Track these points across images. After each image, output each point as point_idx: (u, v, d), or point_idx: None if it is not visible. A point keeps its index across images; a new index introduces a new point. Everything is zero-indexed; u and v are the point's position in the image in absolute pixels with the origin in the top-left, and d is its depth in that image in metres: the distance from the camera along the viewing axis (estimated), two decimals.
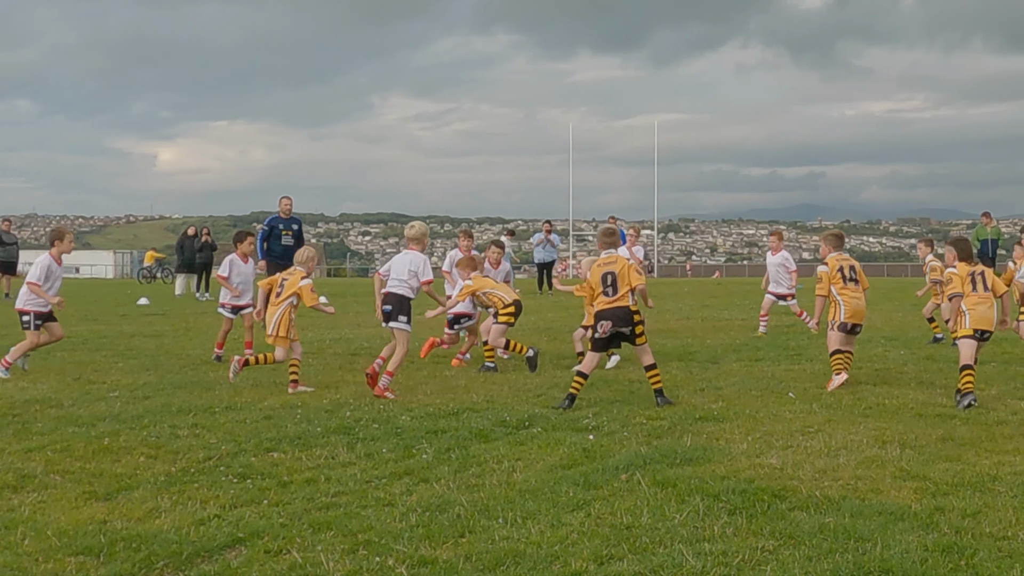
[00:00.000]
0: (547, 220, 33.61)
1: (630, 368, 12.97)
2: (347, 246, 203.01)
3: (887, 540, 5.56)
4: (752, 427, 8.86)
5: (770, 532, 5.76)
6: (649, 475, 7.05)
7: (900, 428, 8.75)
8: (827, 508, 6.22)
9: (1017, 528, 5.79)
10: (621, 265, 10.38)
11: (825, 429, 8.73)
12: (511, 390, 11.18)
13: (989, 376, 11.94)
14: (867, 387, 11.17)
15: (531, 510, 6.28)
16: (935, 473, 7.09)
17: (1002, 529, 5.78)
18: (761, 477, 7.01)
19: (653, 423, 9.08)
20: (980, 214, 30.77)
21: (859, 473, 7.12)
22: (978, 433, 8.53)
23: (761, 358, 13.96)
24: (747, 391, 10.90)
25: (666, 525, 5.92)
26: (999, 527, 5.82)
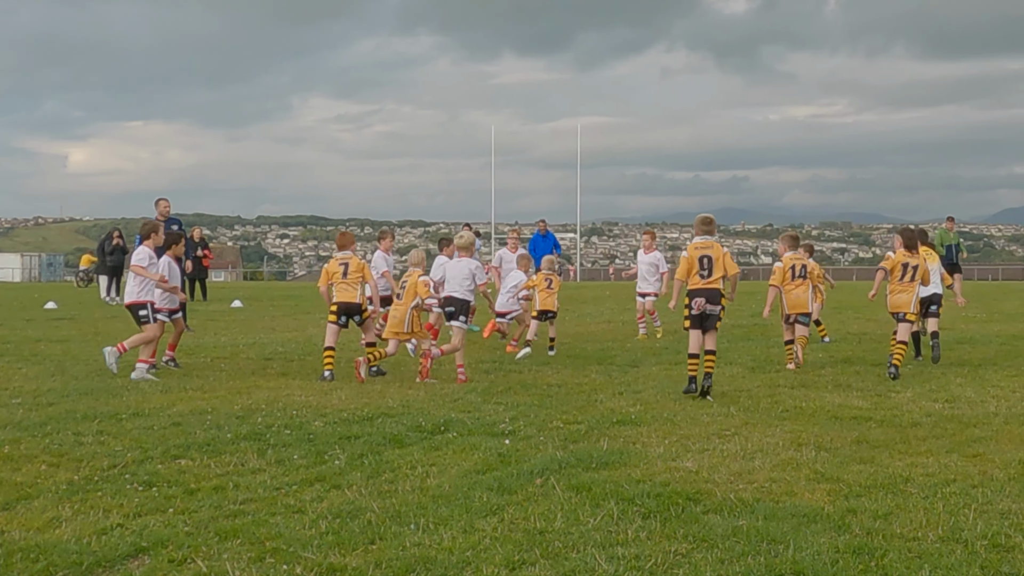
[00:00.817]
0: (467, 223, 33.59)
1: (549, 371, 13.02)
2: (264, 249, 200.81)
3: (799, 542, 5.63)
4: (669, 430, 8.93)
5: (683, 535, 5.81)
6: (564, 479, 7.07)
7: (816, 431, 8.88)
8: (741, 511, 6.29)
9: (927, 529, 5.90)
10: (717, 251, 11.34)
11: (742, 432, 8.83)
12: (428, 395, 11.14)
13: (905, 378, 12.17)
14: (785, 390, 11.33)
15: (444, 516, 6.26)
16: (849, 475, 7.20)
17: (912, 530, 5.89)
18: (676, 480, 7.06)
19: (570, 427, 9.10)
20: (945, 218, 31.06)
21: (774, 476, 7.21)
22: (892, 435, 8.68)
23: (681, 361, 14.03)
24: (666, 394, 10.99)
25: (580, 530, 5.94)
26: (910, 528, 5.92)
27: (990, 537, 5.72)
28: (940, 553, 5.47)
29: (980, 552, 5.49)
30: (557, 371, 13.14)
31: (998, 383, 11.75)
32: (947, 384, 11.71)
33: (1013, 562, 5.33)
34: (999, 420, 9.35)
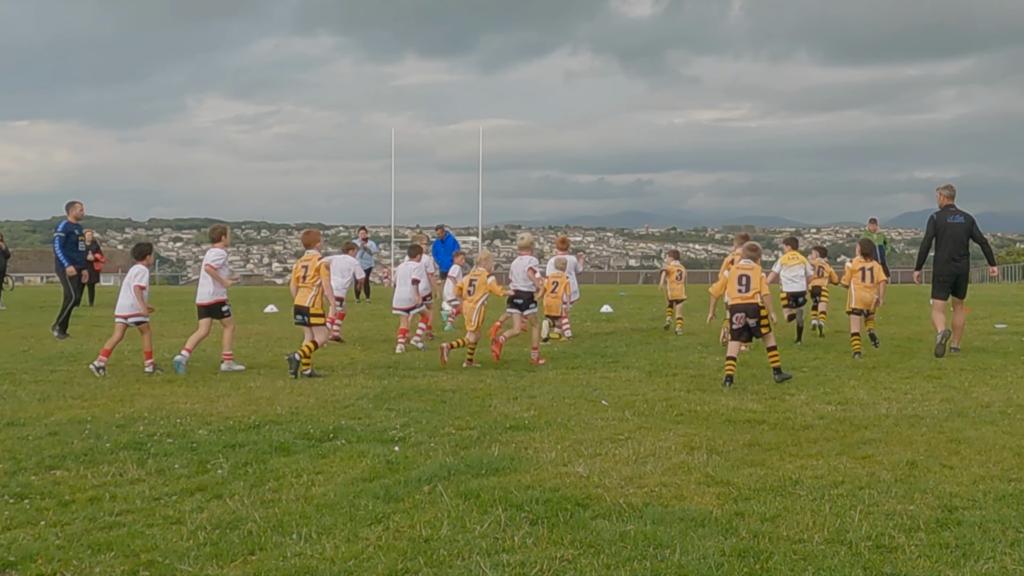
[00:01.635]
0: (362, 226, 33.29)
1: (444, 377, 13.01)
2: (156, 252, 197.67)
3: (686, 546, 5.70)
4: (562, 435, 8.98)
5: (570, 541, 5.84)
6: (453, 486, 7.07)
7: (709, 434, 9.00)
8: (630, 516, 6.34)
9: (814, 531, 6.02)
10: (756, 272, 12.84)
11: (635, 436, 8.91)
12: (317, 401, 11.06)
13: (800, 381, 12.40)
14: (681, 393, 11.47)
15: (327, 525, 6.21)
16: (739, 478, 7.30)
17: (799, 532, 6.00)
18: (567, 486, 7.10)
19: (462, 433, 9.10)
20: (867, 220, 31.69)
21: (665, 480, 7.28)
22: (784, 438, 8.83)
23: (578, 366, 14.18)
24: (561, 399, 11.05)
25: (465, 537, 5.94)
26: (796, 530, 6.03)
27: (874, 538, 5.85)
28: (825, 555, 5.58)
29: (864, 553, 5.61)
30: (452, 376, 13.13)
31: (891, 385, 12.03)
32: (841, 387, 11.96)
33: (895, 562, 5.45)
34: (889, 422, 9.57)
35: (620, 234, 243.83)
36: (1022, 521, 6.14)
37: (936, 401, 10.80)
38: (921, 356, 15.12)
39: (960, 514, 6.33)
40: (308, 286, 13.77)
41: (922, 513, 6.36)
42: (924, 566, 5.40)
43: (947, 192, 15.95)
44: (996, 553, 5.56)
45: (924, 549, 5.66)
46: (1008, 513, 6.33)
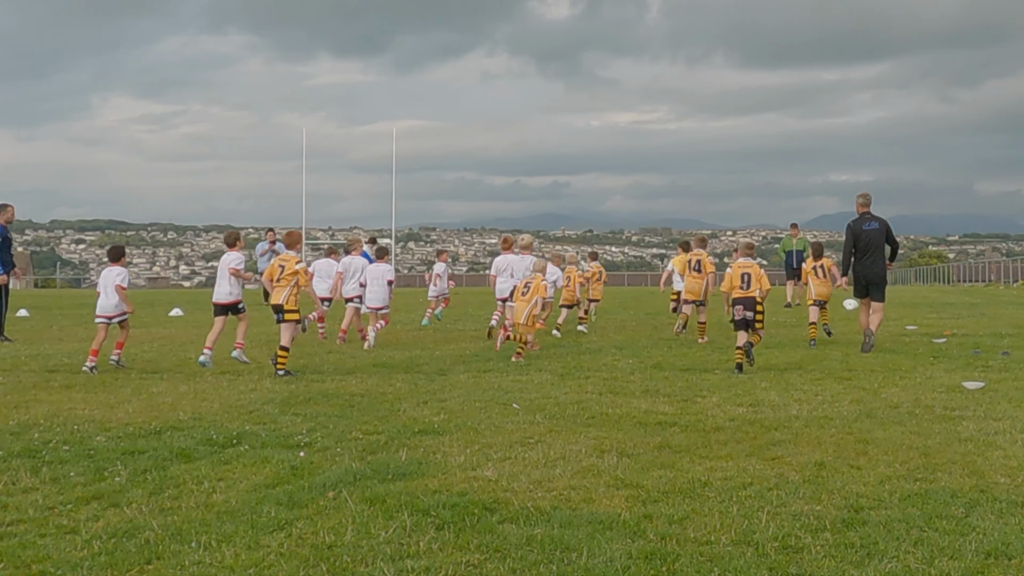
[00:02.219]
0: (271, 228, 32.90)
1: (352, 381, 12.95)
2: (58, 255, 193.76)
3: (593, 549, 5.73)
4: (472, 439, 8.98)
5: (477, 546, 5.84)
6: (358, 492, 7.03)
7: (620, 437, 9.06)
8: (537, 519, 6.36)
9: (721, 533, 6.09)
10: (755, 270, 14.69)
11: (546, 440, 8.95)
12: (222, 406, 10.94)
13: (712, 383, 12.54)
14: (593, 396, 11.54)
15: (228, 532, 6.14)
16: (648, 481, 7.36)
17: (706, 534, 6.06)
18: (474, 490, 7.10)
19: (369, 438, 9.06)
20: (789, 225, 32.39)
21: (574, 483, 7.32)
22: (695, 440, 8.93)
23: (490, 369, 14.20)
24: (471, 403, 11.05)
25: (370, 543, 5.91)
26: (703, 532, 6.09)
27: (781, 539, 5.93)
28: (731, 556, 5.64)
29: (770, 554, 5.68)
30: (361, 380, 13.08)
31: (802, 387, 12.22)
32: (752, 389, 12.12)
33: (801, 563, 5.53)
34: (799, 423, 9.71)
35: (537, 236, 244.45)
36: (926, 520, 6.27)
37: (846, 402, 11.00)
38: (833, 358, 15.38)
39: (866, 514, 6.45)
40: (283, 285, 14.37)
41: (829, 513, 6.47)
42: (829, 566, 5.49)
43: (862, 200, 17.22)
44: (900, 552, 5.67)
45: (829, 549, 5.75)
46: (913, 512, 6.46)
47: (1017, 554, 5.60)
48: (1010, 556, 5.58)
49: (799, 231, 32.08)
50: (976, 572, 5.35)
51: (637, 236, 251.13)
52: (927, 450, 8.38)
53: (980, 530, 6.05)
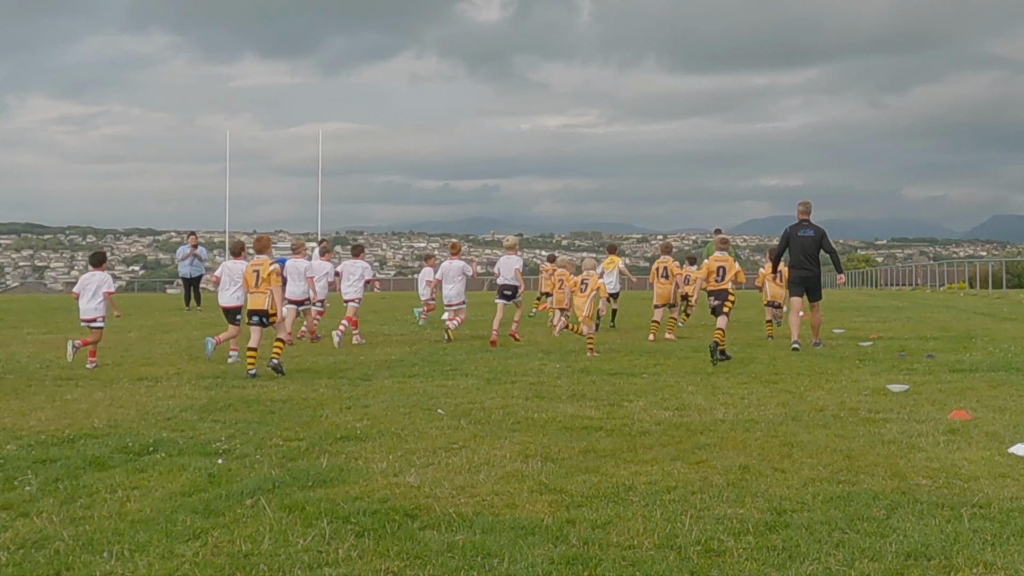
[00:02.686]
0: (192, 232, 32.62)
1: (275, 386, 12.86)
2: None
3: (514, 555, 5.74)
4: (395, 445, 8.95)
5: (397, 553, 5.82)
6: (277, 499, 6.98)
7: (545, 441, 9.08)
8: (459, 525, 6.36)
9: (644, 537, 6.12)
10: (730, 263, 16.81)
11: (470, 445, 8.94)
12: (138, 413, 10.80)
13: (639, 388, 12.62)
14: (519, 401, 11.56)
15: (142, 542, 6.06)
16: (572, 486, 7.39)
17: (629, 538, 6.09)
18: (396, 496, 7.08)
19: (290, 444, 9.00)
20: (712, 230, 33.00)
21: (497, 488, 7.32)
22: (620, 444, 8.97)
23: (415, 374, 14.17)
24: (396, 408, 11.02)
25: (287, 551, 5.87)
26: (626, 536, 6.13)
27: (704, 542, 5.98)
28: (654, 560, 5.68)
29: (692, 558, 5.73)
30: (283, 386, 12.98)
31: (728, 390, 12.34)
32: (679, 392, 12.21)
33: (723, 566, 5.58)
34: (725, 426, 9.80)
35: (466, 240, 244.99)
36: (848, 522, 6.36)
37: (772, 405, 11.12)
38: (759, 361, 15.55)
39: (789, 516, 6.53)
40: (262, 291, 14.70)
41: (752, 516, 6.54)
42: (751, 569, 5.54)
43: (802, 208, 18.57)
44: (821, 555, 5.74)
45: (752, 552, 5.81)
46: (835, 514, 6.55)
47: (936, 555, 5.70)
48: (929, 557, 5.67)
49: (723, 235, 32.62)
50: (896, 573, 5.44)
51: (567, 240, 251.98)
52: (851, 453, 8.50)
53: (901, 531, 6.15)
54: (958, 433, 9.29)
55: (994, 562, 5.57)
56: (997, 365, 14.68)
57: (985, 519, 6.42)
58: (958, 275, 59.07)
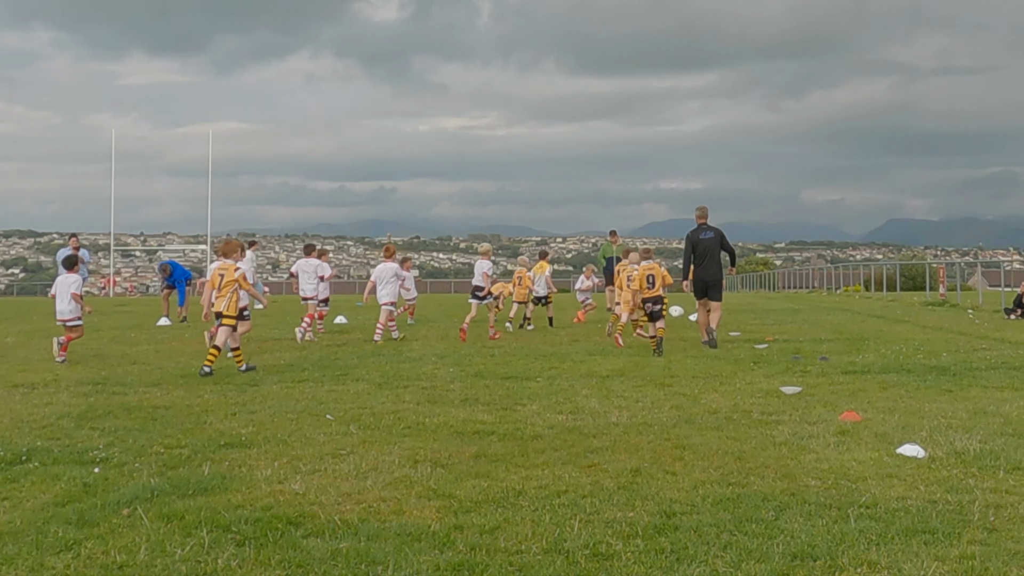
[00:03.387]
0: (73, 234, 31.80)
1: (157, 392, 12.66)
2: None
3: (400, 562, 5.72)
4: (281, 452, 8.88)
5: (278, 561, 5.77)
6: (155, 508, 6.87)
7: (436, 447, 9.07)
8: (344, 533, 6.32)
9: (532, 542, 6.15)
10: (658, 270, 18.44)
11: (358, 451, 8.90)
12: (12, 421, 10.55)
13: (533, 391, 12.66)
14: (410, 406, 11.53)
15: (10, 555, 5.92)
16: (462, 491, 7.39)
17: (517, 543, 6.11)
18: (280, 504, 7.02)
19: (171, 452, 8.86)
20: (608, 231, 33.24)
21: (384, 495, 7.30)
22: (512, 448, 9.00)
23: (305, 379, 14.05)
24: (283, 414, 10.92)
25: (164, 562, 5.78)
26: (514, 541, 6.15)
27: (592, 546, 6.03)
28: (541, 565, 5.71)
29: (580, 561, 5.77)
30: (167, 392, 12.78)
31: (623, 393, 12.45)
32: (574, 396, 12.28)
33: (610, 570, 5.63)
34: (619, 430, 9.89)
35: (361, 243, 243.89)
36: (736, 524, 6.46)
37: (666, 408, 11.24)
38: (655, 365, 15.71)
39: (678, 519, 6.61)
40: (223, 294, 15.49)
41: (641, 519, 6.61)
42: (638, 572, 5.60)
43: (699, 212, 19.89)
44: (708, 556, 5.82)
45: (640, 555, 5.87)
46: (724, 516, 6.65)
47: (822, 555, 5.81)
48: (815, 558, 5.79)
49: (619, 238, 32.96)
50: (782, 574, 5.54)
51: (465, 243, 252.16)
52: (742, 455, 8.63)
53: (788, 532, 6.27)
54: (848, 434, 9.49)
55: (878, 561, 5.71)
56: (888, 367, 15.05)
57: (871, 519, 6.57)
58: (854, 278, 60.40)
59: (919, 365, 15.23)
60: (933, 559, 5.74)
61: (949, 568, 5.60)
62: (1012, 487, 7.41)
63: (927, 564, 5.64)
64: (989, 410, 10.89)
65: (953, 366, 15.08)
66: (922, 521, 6.50)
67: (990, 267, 63.85)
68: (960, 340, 20.00)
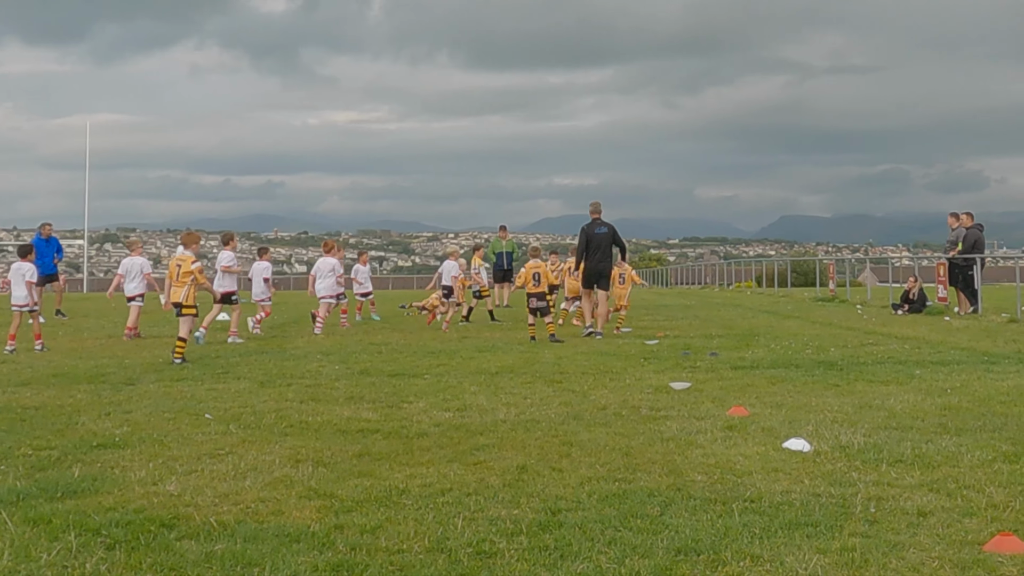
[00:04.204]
0: None
1: (27, 392, 12.36)
2: None
3: (277, 563, 5.66)
4: (157, 452, 8.73)
5: (150, 565, 5.67)
6: (21, 512, 6.70)
7: (318, 445, 9.00)
8: (220, 535, 6.23)
9: (414, 541, 6.12)
10: (543, 268, 20.26)
11: (238, 451, 8.79)
12: None
13: (419, 389, 12.64)
14: (293, 404, 11.42)
15: None
16: (344, 490, 7.34)
17: (399, 543, 6.08)
18: (153, 506, 6.90)
19: (40, 454, 8.66)
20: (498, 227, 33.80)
21: (263, 495, 7.21)
22: (397, 447, 8.97)
23: (184, 378, 13.85)
24: (160, 414, 10.74)
25: (29, 567, 5.63)
26: (396, 541, 6.12)
27: (475, 544, 6.03)
28: (423, 564, 5.69)
29: (463, 560, 5.76)
30: (37, 392, 12.48)
31: (511, 390, 12.48)
32: (461, 393, 12.28)
33: (493, 568, 5.63)
34: (506, 427, 9.91)
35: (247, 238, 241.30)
36: (622, 520, 6.51)
37: (555, 405, 11.30)
38: (544, 361, 15.78)
39: (563, 516, 6.64)
40: (180, 284, 16.50)
41: (526, 516, 6.62)
42: (521, 569, 5.61)
43: (593, 208, 21.07)
44: (593, 553, 5.86)
45: (523, 552, 5.88)
46: (609, 512, 6.70)
47: (706, 549, 5.89)
48: (699, 552, 5.86)
49: (507, 233, 33.24)
50: (665, 569, 5.59)
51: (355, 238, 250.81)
52: (629, 450, 8.71)
53: (673, 528, 6.33)
54: (735, 429, 9.64)
55: (761, 555, 5.80)
56: (777, 362, 15.33)
57: (755, 513, 6.67)
58: (746, 274, 61.31)
59: (808, 360, 15.54)
60: (815, 552, 5.85)
61: (831, 560, 5.71)
62: (894, 480, 7.59)
63: (809, 557, 5.75)
64: (874, 404, 11.14)
65: (841, 361, 15.41)
66: (805, 514, 6.62)
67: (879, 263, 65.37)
68: (848, 335, 20.46)
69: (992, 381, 12.99)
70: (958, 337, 19.74)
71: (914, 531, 6.26)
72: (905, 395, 11.79)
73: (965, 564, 5.64)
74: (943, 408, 10.85)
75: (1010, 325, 22.93)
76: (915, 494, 7.15)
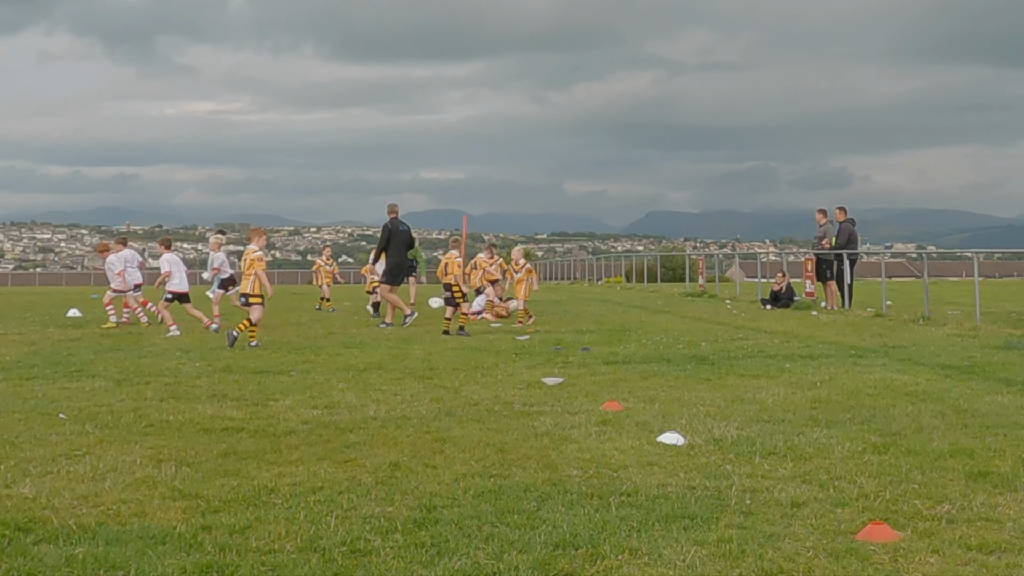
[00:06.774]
0: None
1: None
2: None
3: (142, 566, 5.57)
4: (8, 454, 8.51)
5: (6, 571, 5.54)
6: None
7: (181, 445, 8.87)
8: (80, 537, 6.11)
9: (286, 540, 6.09)
10: (451, 259, 21.37)
11: (95, 451, 8.62)
12: None
13: (286, 386, 12.54)
14: (153, 403, 11.24)
15: None
16: (210, 490, 7.26)
17: (270, 542, 6.04)
18: (7, 510, 6.73)
19: None
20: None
21: (125, 497, 7.09)
22: (264, 445, 8.89)
23: (35, 376, 13.52)
24: (9, 413, 10.48)
25: None
26: (267, 541, 6.07)
27: (349, 543, 6.02)
28: (296, 563, 5.66)
29: (337, 559, 5.75)
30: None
31: (381, 387, 12.46)
32: (329, 390, 12.22)
33: (368, 566, 5.63)
34: (376, 424, 9.89)
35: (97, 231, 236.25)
36: (498, 516, 6.56)
37: (426, 401, 11.31)
38: (414, 357, 15.78)
39: (439, 512, 6.66)
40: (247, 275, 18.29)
41: (401, 514, 6.63)
42: (398, 567, 5.62)
43: (392, 208, 23.52)
44: (470, 549, 5.89)
45: (399, 550, 5.89)
46: (485, 508, 6.74)
47: (584, 544, 5.96)
48: (577, 546, 5.93)
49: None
50: (544, 563, 5.65)
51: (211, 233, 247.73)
52: (504, 446, 8.77)
53: (550, 522, 6.40)
54: (609, 424, 9.77)
55: (639, 548, 5.90)
56: (649, 357, 15.56)
57: (632, 507, 6.79)
58: (616, 269, 62.08)
59: (679, 355, 15.81)
60: (692, 543, 5.97)
61: (708, 552, 5.84)
62: (767, 472, 7.78)
63: (687, 549, 5.87)
64: (746, 397, 11.40)
65: (712, 355, 15.71)
66: (682, 507, 6.76)
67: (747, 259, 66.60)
68: (718, 330, 20.87)
69: (859, 374, 13.39)
70: (826, 331, 20.28)
71: (788, 522, 6.44)
72: (776, 388, 12.08)
73: (839, 553, 5.82)
74: (813, 401, 11.15)
75: (875, 319, 23.64)
76: (788, 485, 7.34)
